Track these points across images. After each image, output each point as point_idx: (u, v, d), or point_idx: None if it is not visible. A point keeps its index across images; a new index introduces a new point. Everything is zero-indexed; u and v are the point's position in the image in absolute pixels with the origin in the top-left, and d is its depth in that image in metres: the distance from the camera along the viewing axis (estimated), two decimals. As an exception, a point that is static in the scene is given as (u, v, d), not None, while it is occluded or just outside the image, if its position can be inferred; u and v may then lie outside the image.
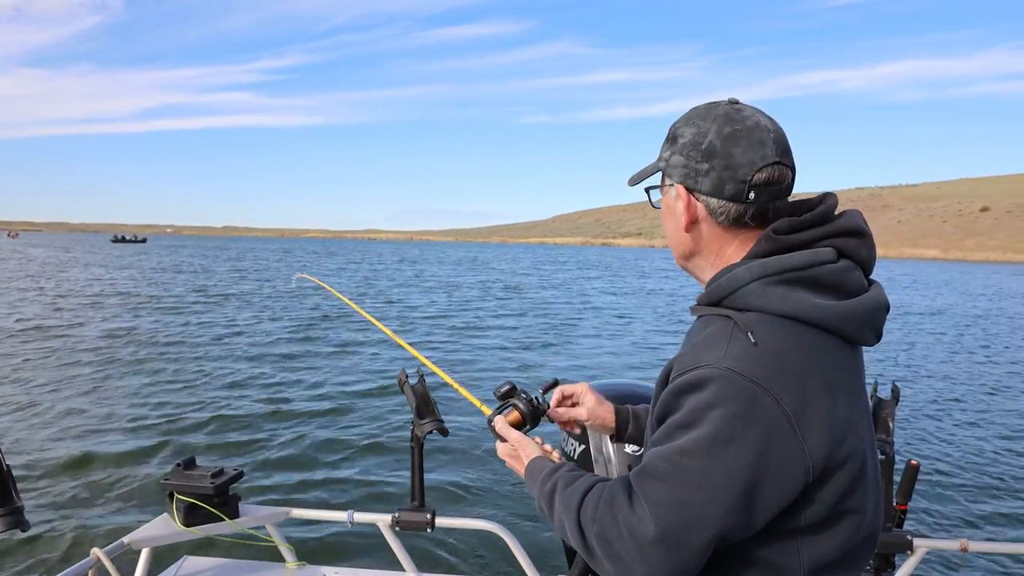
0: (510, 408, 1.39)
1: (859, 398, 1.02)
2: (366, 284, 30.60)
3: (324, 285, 2.89)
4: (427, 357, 2.17)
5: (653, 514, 0.92)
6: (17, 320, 15.10)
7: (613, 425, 1.46)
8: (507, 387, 1.42)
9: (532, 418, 1.39)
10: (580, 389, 1.47)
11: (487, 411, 1.44)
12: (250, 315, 17.50)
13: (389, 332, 2.24)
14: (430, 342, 13.77)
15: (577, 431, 1.48)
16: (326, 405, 8.33)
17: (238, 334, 14.11)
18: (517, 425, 1.36)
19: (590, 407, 1.45)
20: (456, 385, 1.84)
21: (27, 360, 10.76)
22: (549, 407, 1.43)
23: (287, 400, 8.54)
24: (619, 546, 0.94)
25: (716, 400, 0.92)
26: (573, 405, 1.47)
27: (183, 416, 7.64)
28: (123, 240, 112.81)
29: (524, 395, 1.41)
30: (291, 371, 10.43)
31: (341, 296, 2.65)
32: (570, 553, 2.17)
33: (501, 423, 1.34)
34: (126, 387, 9.07)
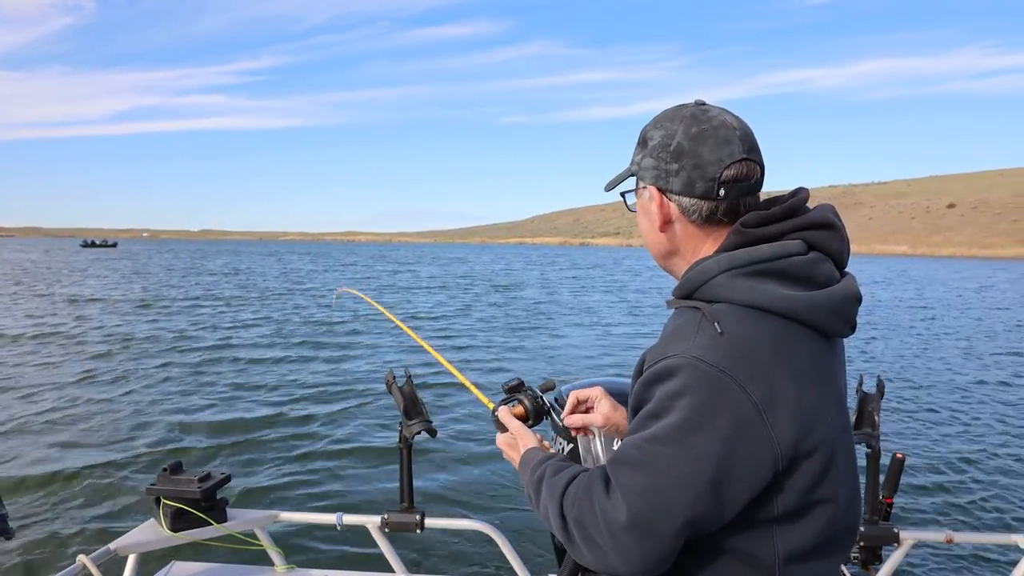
0: (515, 402, 1.44)
1: (829, 388, 1.03)
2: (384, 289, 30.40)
3: (368, 299, 2.74)
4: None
5: (625, 500, 0.94)
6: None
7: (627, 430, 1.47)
8: (516, 382, 1.47)
9: (535, 415, 1.43)
10: (595, 394, 1.44)
11: (489, 404, 1.48)
12: (236, 318, 17.27)
13: (432, 350, 2.20)
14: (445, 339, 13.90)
15: (591, 436, 1.49)
16: (314, 407, 8.25)
17: (223, 337, 13.94)
18: (520, 419, 1.39)
19: (605, 412, 1.42)
20: (460, 376, 1.88)
21: (7, 365, 10.53)
22: (563, 416, 1.43)
23: (274, 403, 8.45)
24: (594, 532, 0.97)
25: (684, 389, 0.94)
26: (587, 410, 1.44)
27: (169, 420, 7.53)
28: (92, 245, 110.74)
29: (530, 391, 1.45)
30: (278, 374, 10.33)
31: (384, 310, 2.57)
32: (560, 552, 2.17)
33: (505, 413, 1.38)
34: (110, 392, 8.92)
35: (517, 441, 1.30)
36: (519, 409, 1.42)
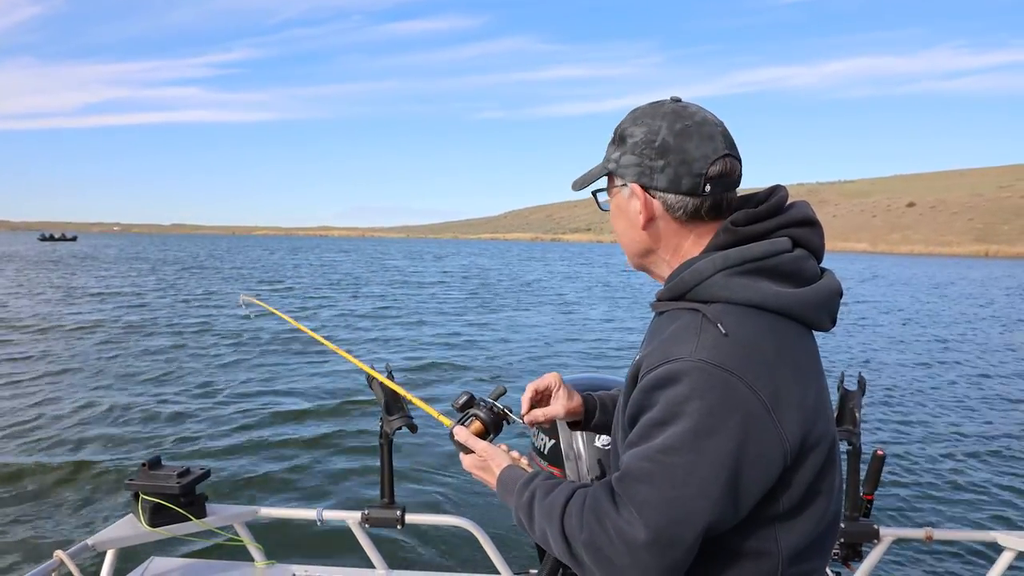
0: (471, 418, 1.33)
1: (821, 381, 1.06)
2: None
3: (273, 310, 2.53)
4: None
5: (643, 517, 0.92)
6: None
7: (582, 417, 1.44)
8: (465, 398, 1.37)
9: (495, 426, 1.33)
10: (553, 382, 1.40)
11: (448, 423, 1.38)
12: (215, 314, 16.93)
13: (346, 354, 2.10)
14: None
15: (548, 425, 1.43)
16: (294, 402, 8.17)
17: (203, 333, 13.71)
18: (480, 435, 1.31)
19: (564, 403, 1.40)
20: (413, 398, 1.76)
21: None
22: (521, 414, 1.38)
23: (254, 398, 8.35)
24: (610, 552, 0.94)
25: (693, 393, 0.93)
26: (544, 401, 1.42)
27: (147, 415, 7.41)
28: (51, 239, 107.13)
29: (483, 403, 1.35)
30: (258, 369, 10.21)
31: (291, 320, 2.44)
32: (541, 548, 2.17)
33: (464, 434, 1.29)
34: (87, 386, 8.74)
35: (487, 462, 1.24)
36: (477, 425, 1.32)
